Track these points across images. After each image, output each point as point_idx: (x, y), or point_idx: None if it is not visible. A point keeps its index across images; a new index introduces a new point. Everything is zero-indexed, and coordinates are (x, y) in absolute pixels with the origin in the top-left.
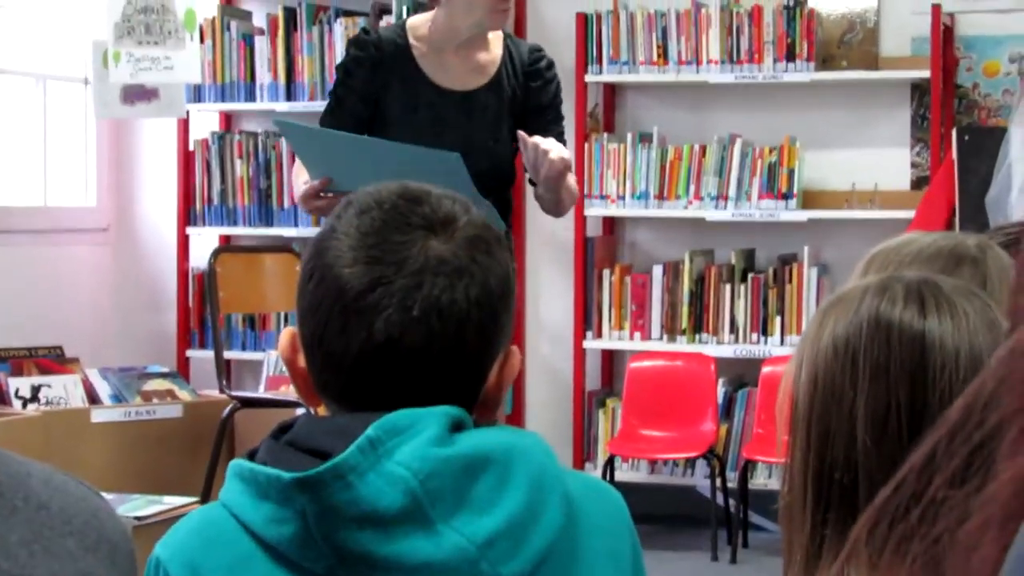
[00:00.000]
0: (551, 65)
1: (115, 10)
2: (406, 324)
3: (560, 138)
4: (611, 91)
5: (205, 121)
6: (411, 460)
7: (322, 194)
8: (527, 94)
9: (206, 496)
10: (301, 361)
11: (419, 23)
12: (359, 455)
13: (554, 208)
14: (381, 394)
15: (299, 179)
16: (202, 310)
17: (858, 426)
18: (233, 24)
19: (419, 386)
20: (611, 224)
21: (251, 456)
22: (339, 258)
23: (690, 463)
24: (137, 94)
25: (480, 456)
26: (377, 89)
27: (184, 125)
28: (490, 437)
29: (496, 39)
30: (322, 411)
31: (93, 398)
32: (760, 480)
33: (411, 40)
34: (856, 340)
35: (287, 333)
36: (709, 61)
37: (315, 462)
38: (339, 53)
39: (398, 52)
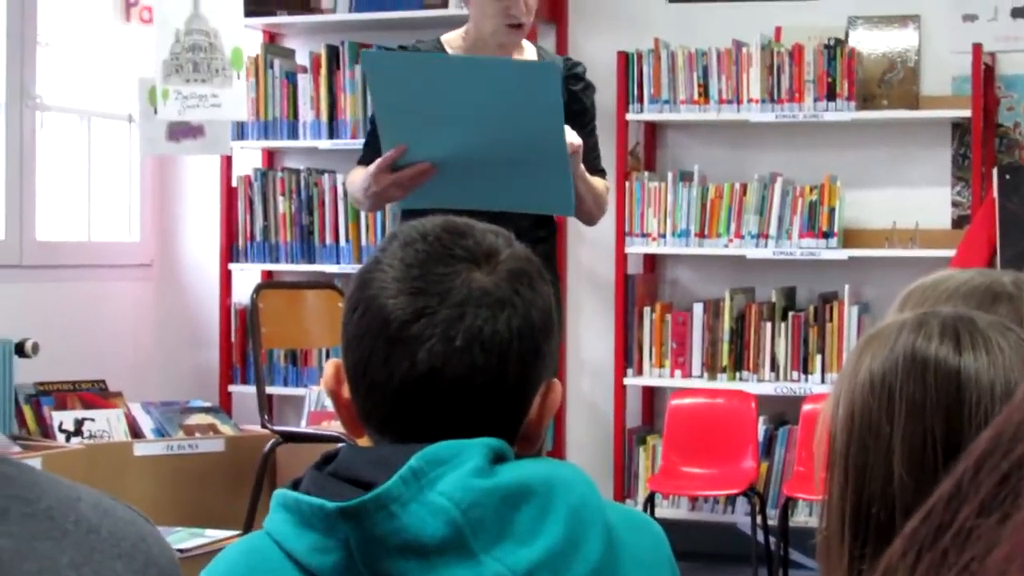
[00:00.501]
0: (586, 71)
1: (164, 48)
2: (449, 355)
3: (597, 147)
4: (652, 130)
5: (248, 158)
6: (453, 490)
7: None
8: (570, 97)
9: (248, 530)
10: (345, 392)
11: (453, 37)
12: (402, 485)
13: (578, 207)
14: (424, 424)
15: (358, 177)
16: (244, 345)
17: (895, 461)
18: (276, 62)
19: (461, 417)
20: (652, 262)
21: (295, 486)
22: (383, 289)
23: (731, 500)
24: (183, 131)
25: (521, 487)
26: None
27: (227, 162)
28: (531, 468)
29: (529, 51)
30: (365, 442)
31: (136, 432)
32: (801, 517)
33: (448, 52)
34: (892, 376)
35: (331, 364)
36: (750, 100)
37: (358, 492)
38: None
39: None
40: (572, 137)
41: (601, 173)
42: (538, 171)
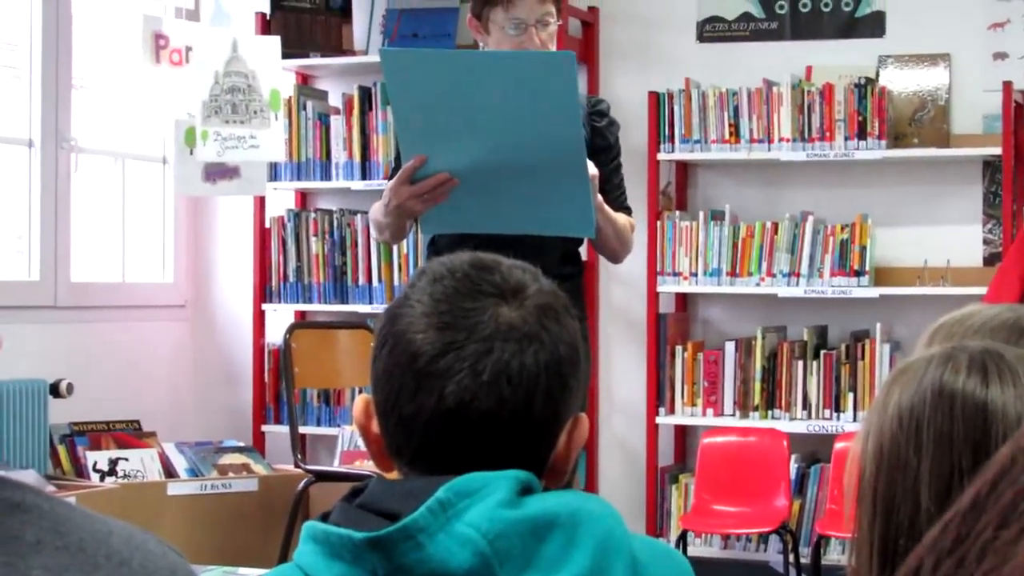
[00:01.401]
0: (610, 108)
1: (203, 90)
2: (476, 389)
3: (622, 184)
4: (683, 169)
5: (281, 199)
6: (480, 521)
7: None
8: (593, 133)
9: None
10: (375, 427)
11: None
12: (429, 516)
13: (601, 242)
14: (452, 457)
15: (375, 205)
16: (277, 385)
17: (922, 494)
18: (309, 104)
19: (489, 450)
20: (684, 301)
21: (324, 518)
22: (412, 324)
23: (763, 538)
24: (219, 172)
25: (548, 518)
26: None
27: (260, 203)
28: (558, 500)
29: None
30: (394, 476)
31: (170, 472)
32: (833, 556)
33: None
34: (920, 409)
35: (361, 399)
36: (781, 139)
37: (386, 523)
38: None
39: None
40: (590, 167)
41: (627, 211)
42: (557, 181)
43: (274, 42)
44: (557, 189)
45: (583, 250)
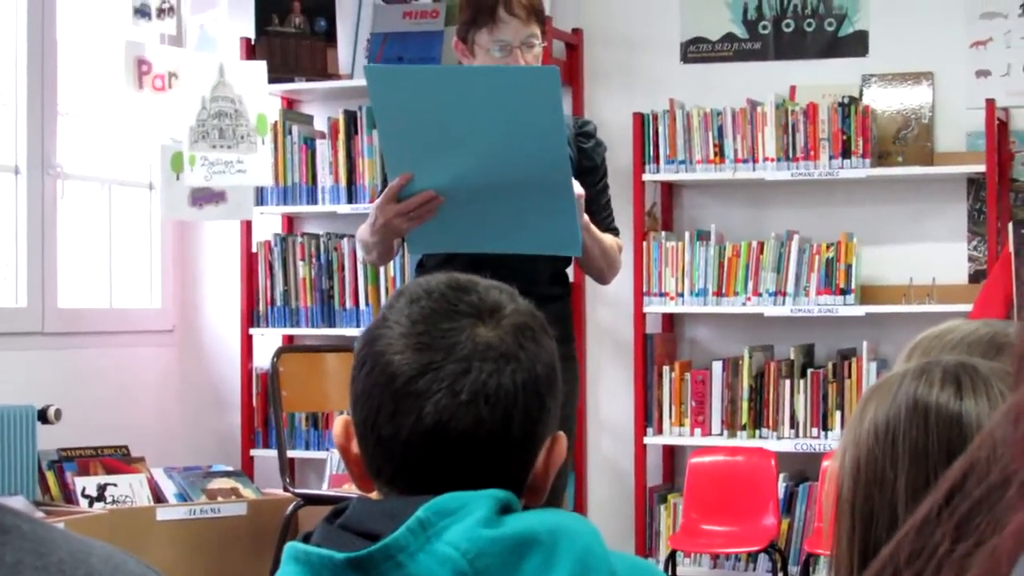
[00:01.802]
0: (596, 129)
1: (190, 115)
2: (455, 409)
3: (609, 205)
4: (668, 189)
5: (268, 223)
6: (460, 540)
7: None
8: (580, 154)
9: None
10: (355, 448)
11: None
12: (409, 536)
13: (587, 262)
14: (431, 477)
15: (364, 229)
16: (266, 409)
17: (899, 507)
18: (295, 128)
19: (468, 470)
20: (670, 321)
21: (306, 539)
22: (390, 345)
23: (752, 557)
24: (205, 197)
25: (527, 536)
26: None
27: (247, 227)
28: (537, 518)
29: None
30: (375, 496)
31: (158, 497)
32: (822, 574)
33: None
34: (896, 423)
35: (341, 421)
36: (765, 159)
37: (367, 543)
38: None
39: None
40: (575, 187)
41: (614, 232)
42: (543, 198)
43: (260, 67)
44: (543, 206)
45: (569, 271)
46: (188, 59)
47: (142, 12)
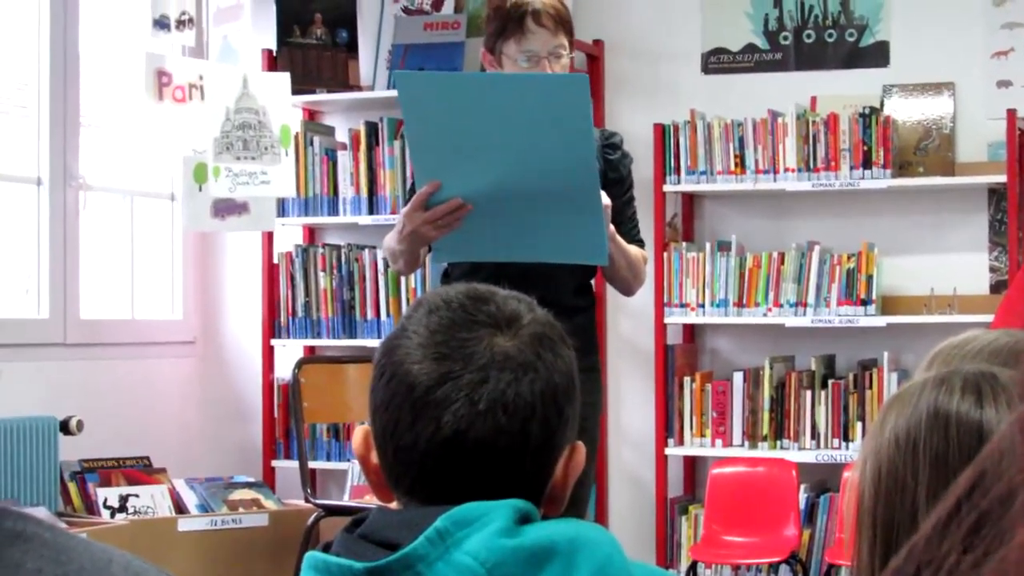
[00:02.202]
0: (623, 140)
1: (214, 126)
2: (473, 418)
3: (635, 217)
4: (689, 200)
5: (289, 235)
6: (479, 550)
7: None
8: (606, 165)
9: None
10: (374, 457)
11: None
12: (428, 545)
13: (613, 273)
14: (450, 487)
15: (391, 237)
16: (287, 420)
17: (920, 516)
18: (316, 139)
19: (486, 479)
20: (691, 332)
21: (326, 549)
22: (409, 355)
23: (773, 568)
24: (228, 208)
25: (546, 546)
26: None
27: (268, 239)
28: (556, 528)
29: None
30: (394, 506)
31: (180, 508)
32: None
33: None
34: (916, 432)
35: (360, 431)
36: (786, 169)
37: (386, 553)
38: None
39: None
40: (603, 197)
41: (639, 243)
42: (570, 207)
43: (284, 78)
44: (570, 216)
45: (592, 282)
46: (212, 70)
47: (161, 24)
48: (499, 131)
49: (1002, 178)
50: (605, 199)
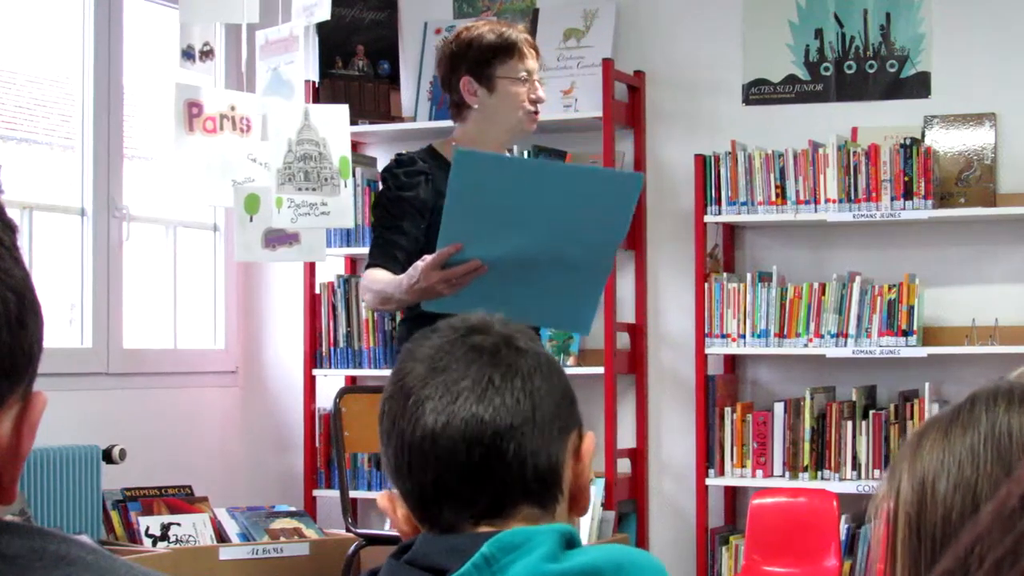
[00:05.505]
0: None
1: (277, 157)
2: (464, 400)
3: None
4: (730, 231)
5: (331, 265)
6: (526, 575)
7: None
8: None
9: None
10: (401, 509)
11: (442, 142)
12: (475, 571)
13: None
14: (472, 479)
15: (383, 277)
16: (328, 450)
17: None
18: (358, 170)
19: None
20: (732, 362)
21: (373, 575)
22: (414, 367)
23: None
24: (279, 238)
25: (591, 571)
26: (433, 197)
27: (311, 269)
28: (602, 553)
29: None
30: None
31: (221, 536)
32: None
33: (442, 153)
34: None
35: (383, 494)
36: (827, 200)
37: None
38: None
39: (438, 163)
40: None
41: None
42: (577, 279)
43: (342, 110)
44: (574, 286)
45: (631, 311)
46: (244, 101)
47: (188, 54)
48: (541, 211)
49: None
50: None
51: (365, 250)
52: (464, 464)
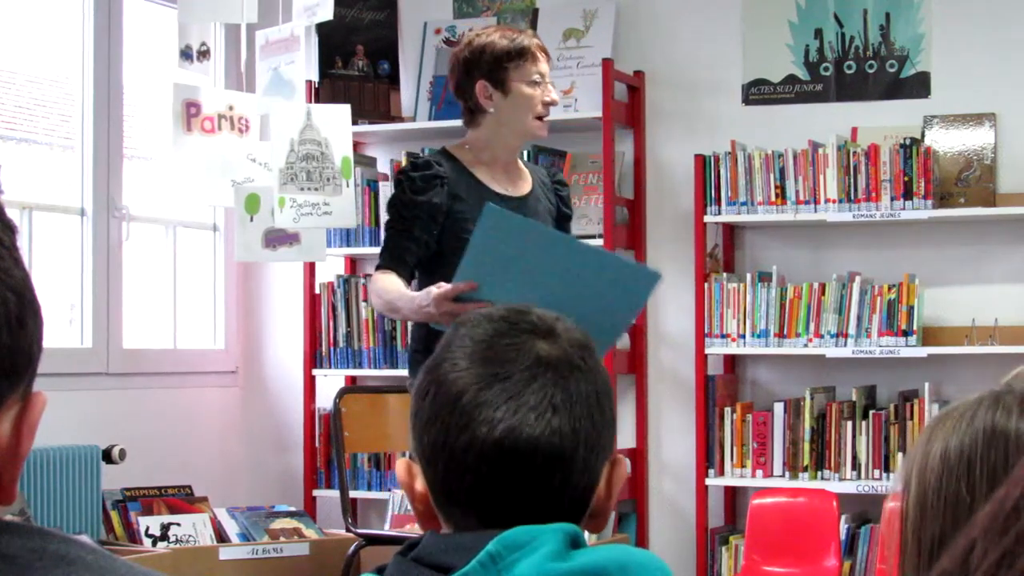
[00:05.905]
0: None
1: (279, 158)
2: (524, 415)
3: None
4: (730, 231)
5: (331, 265)
6: (530, 574)
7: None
8: (561, 201)
9: None
10: (419, 485)
11: (456, 146)
12: (480, 569)
13: None
14: (503, 494)
15: (394, 287)
16: (328, 450)
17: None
18: (358, 170)
19: (538, 482)
20: (732, 362)
21: (379, 572)
22: (455, 366)
23: None
24: (279, 238)
25: (596, 571)
26: (448, 201)
27: (311, 269)
28: (607, 553)
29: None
30: (445, 531)
31: (221, 536)
32: None
33: (457, 157)
34: (972, 449)
35: (402, 463)
36: (827, 200)
37: None
38: None
39: (454, 167)
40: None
41: None
42: None
43: (344, 110)
44: None
45: None
46: (242, 101)
47: (186, 54)
48: (557, 277)
49: None
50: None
51: (365, 250)
52: (507, 484)
